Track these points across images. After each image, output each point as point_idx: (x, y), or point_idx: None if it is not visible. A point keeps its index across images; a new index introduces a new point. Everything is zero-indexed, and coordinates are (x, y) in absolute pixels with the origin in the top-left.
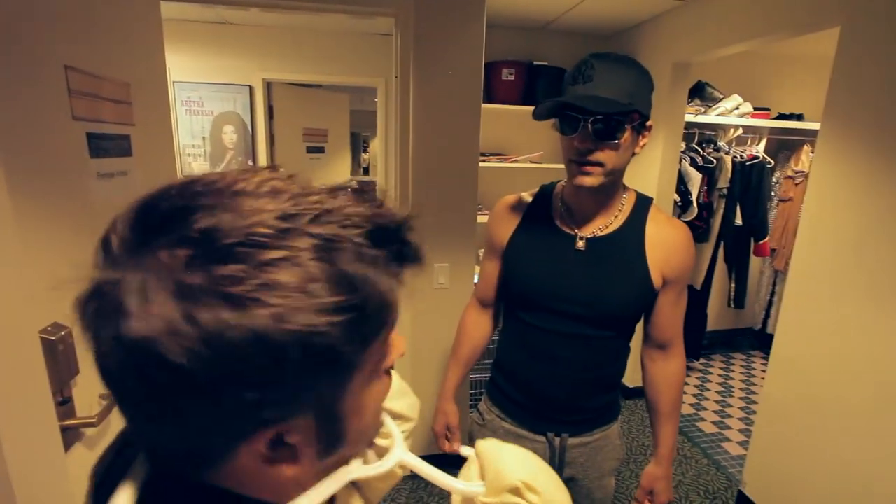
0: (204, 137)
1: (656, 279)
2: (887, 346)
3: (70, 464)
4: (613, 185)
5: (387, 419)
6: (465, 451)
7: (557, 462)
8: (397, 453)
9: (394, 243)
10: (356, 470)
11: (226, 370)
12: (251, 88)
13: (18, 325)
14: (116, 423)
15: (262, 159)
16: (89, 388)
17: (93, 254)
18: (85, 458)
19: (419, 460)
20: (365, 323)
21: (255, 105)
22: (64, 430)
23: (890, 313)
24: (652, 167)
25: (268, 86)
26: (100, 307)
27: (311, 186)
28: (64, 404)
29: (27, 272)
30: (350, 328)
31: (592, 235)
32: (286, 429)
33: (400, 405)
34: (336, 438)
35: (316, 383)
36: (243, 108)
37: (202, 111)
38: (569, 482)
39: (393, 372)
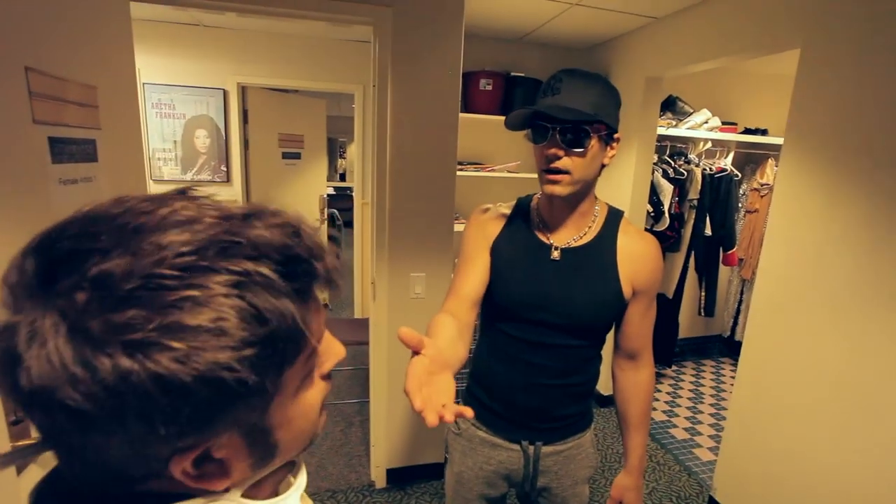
0: (175, 141)
1: (626, 290)
2: (849, 351)
3: (23, 488)
4: (585, 195)
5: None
6: None
7: (531, 470)
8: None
9: (306, 273)
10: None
11: (129, 410)
12: (225, 92)
13: None
14: None
15: (236, 164)
16: None
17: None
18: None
19: None
20: (276, 354)
21: (228, 109)
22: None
23: (849, 320)
24: (625, 178)
25: (242, 90)
26: (1, 350)
27: (224, 211)
28: (17, 424)
29: None
30: (261, 360)
31: (567, 245)
32: (210, 446)
33: None
34: (268, 450)
35: (231, 411)
36: (217, 112)
37: (174, 114)
38: (543, 491)
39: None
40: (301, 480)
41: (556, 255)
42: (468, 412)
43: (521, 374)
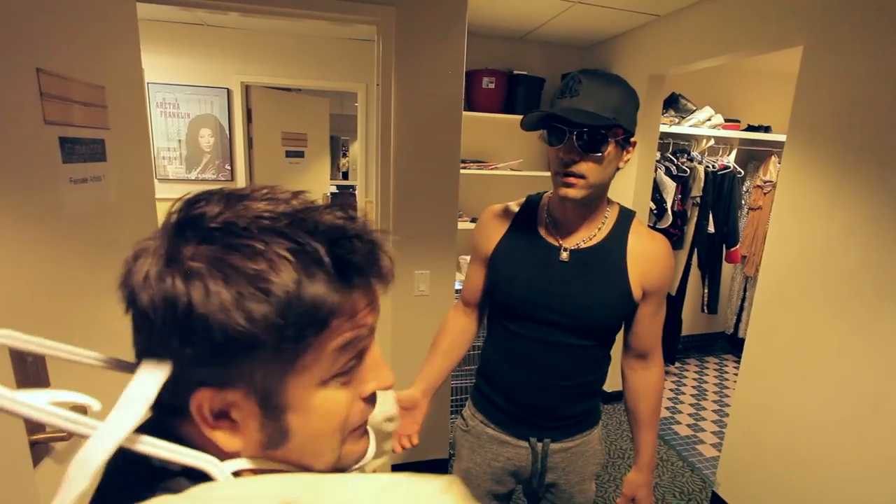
0: (180, 141)
1: (636, 291)
2: (852, 348)
3: (39, 479)
4: (598, 198)
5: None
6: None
7: (539, 467)
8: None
9: (347, 250)
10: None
11: (170, 324)
12: (229, 91)
13: None
14: None
15: (240, 164)
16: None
17: (63, 260)
18: (55, 473)
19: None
20: (302, 321)
21: (232, 108)
22: (33, 444)
23: (853, 317)
24: (628, 176)
25: (246, 89)
26: (127, 262)
27: (310, 201)
28: None
29: None
30: (286, 321)
31: (576, 247)
32: (228, 400)
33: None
34: (279, 432)
35: (246, 360)
36: (220, 112)
37: (178, 114)
38: (550, 487)
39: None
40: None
41: (564, 256)
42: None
43: (529, 373)
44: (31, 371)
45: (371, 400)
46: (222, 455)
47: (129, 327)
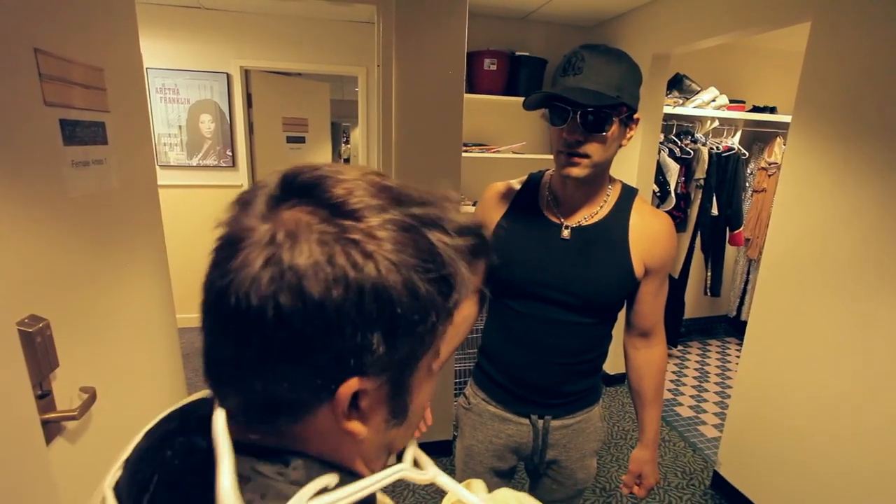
0: (180, 126)
1: (638, 268)
2: (851, 332)
3: (52, 457)
4: (600, 176)
5: (422, 455)
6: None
7: (540, 444)
8: (433, 471)
9: (474, 238)
10: (409, 470)
11: (348, 309)
12: (228, 76)
13: None
14: (99, 417)
15: (241, 149)
16: (69, 382)
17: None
18: (66, 452)
19: (451, 481)
20: (449, 296)
21: (232, 93)
22: (44, 423)
23: (855, 299)
24: (631, 158)
25: (245, 74)
26: (247, 245)
27: (410, 185)
28: (43, 398)
29: (1, 262)
30: (439, 296)
31: (578, 224)
32: (366, 387)
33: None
34: (401, 409)
35: (405, 341)
36: (220, 97)
37: (178, 99)
38: (551, 463)
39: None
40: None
41: (566, 234)
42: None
43: (530, 350)
44: (39, 352)
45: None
46: (341, 447)
47: (131, 311)
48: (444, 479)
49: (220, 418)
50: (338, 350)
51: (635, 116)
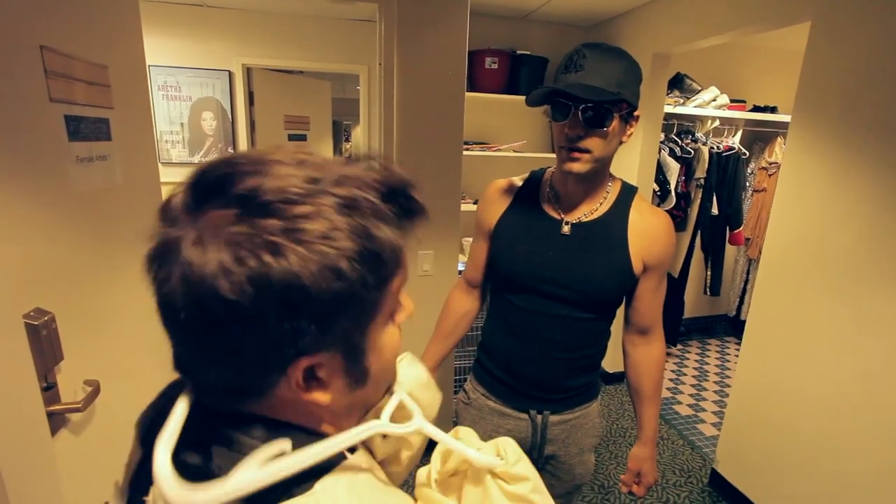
0: (182, 124)
1: (637, 265)
2: (849, 331)
3: (57, 448)
4: (600, 172)
5: (407, 399)
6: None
7: (539, 439)
8: (417, 421)
9: (402, 200)
10: (383, 425)
11: (267, 304)
12: (230, 74)
13: (2, 308)
14: (102, 409)
15: (243, 146)
16: (74, 374)
17: (156, 216)
18: (71, 443)
19: (437, 430)
20: (381, 268)
21: (234, 91)
22: (49, 415)
23: (854, 298)
24: (631, 157)
25: (248, 71)
26: (166, 257)
27: (329, 158)
28: (48, 390)
29: (7, 256)
30: (368, 271)
31: (578, 221)
32: (317, 362)
33: (425, 396)
34: (360, 373)
35: (342, 318)
36: (222, 94)
37: (180, 97)
38: (550, 458)
39: (420, 363)
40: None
41: (566, 229)
42: None
43: (529, 345)
44: (45, 344)
45: (399, 326)
46: (309, 413)
47: (133, 305)
48: (430, 429)
49: (179, 407)
50: (271, 339)
51: (636, 113)
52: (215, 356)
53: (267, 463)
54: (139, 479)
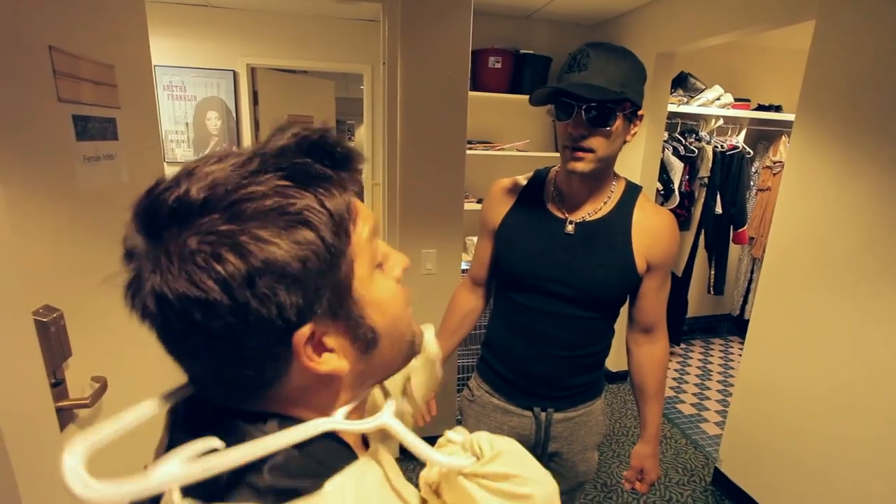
0: (187, 123)
1: (640, 264)
2: (852, 330)
3: (66, 443)
4: (604, 171)
5: (379, 392)
6: (453, 435)
7: (543, 436)
8: (384, 417)
9: (329, 152)
10: (337, 422)
11: (240, 293)
12: (235, 74)
13: (12, 305)
14: (109, 406)
15: (248, 146)
16: (81, 371)
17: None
18: None
19: (403, 428)
20: (335, 222)
21: (239, 91)
22: (58, 411)
23: (856, 299)
24: (635, 156)
25: (252, 71)
26: (137, 292)
27: (252, 144)
28: (57, 386)
29: (17, 254)
30: (321, 230)
31: (581, 220)
32: (317, 329)
33: (418, 377)
34: (367, 332)
35: (317, 279)
36: (227, 94)
37: (185, 96)
38: (553, 456)
39: (436, 342)
40: (390, 405)
41: (570, 228)
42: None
43: (533, 343)
44: (53, 341)
45: (399, 280)
46: (325, 394)
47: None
48: (396, 427)
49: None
50: (262, 321)
51: (640, 113)
52: (221, 357)
53: (194, 460)
54: None
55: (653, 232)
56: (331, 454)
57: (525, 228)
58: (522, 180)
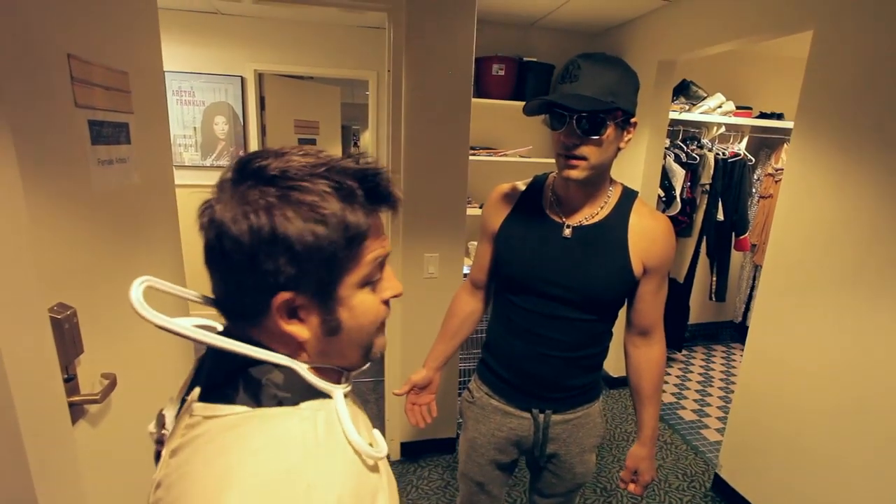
0: (195, 128)
1: (637, 267)
2: (852, 337)
3: (77, 436)
4: (600, 177)
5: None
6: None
7: (541, 437)
8: (336, 393)
9: (372, 186)
10: (300, 367)
11: (257, 245)
12: (242, 79)
13: (29, 302)
14: (118, 402)
15: (253, 150)
16: (93, 367)
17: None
18: (89, 433)
19: (344, 410)
20: (349, 232)
21: (246, 96)
22: (70, 405)
23: (857, 304)
24: (637, 163)
25: (259, 77)
26: (206, 212)
27: (331, 154)
28: (69, 381)
29: (34, 253)
30: (339, 235)
31: (579, 224)
32: (295, 299)
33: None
34: (333, 321)
35: (316, 266)
36: (234, 99)
37: (193, 101)
38: (551, 457)
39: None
40: (343, 392)
41: (567, 233)
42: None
43: (532, 345)
44: (67, 338)
45: (387, 304)
46: (290, 343)
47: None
48: (342, 415)
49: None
50: (261, 271)
51: (633, 120)
52: (228, 279)
53: (198, 328)
54: (189, 390)
55: (649, 235)
56: (309, 389)
57: (524, 232)
58: (521, 185)
